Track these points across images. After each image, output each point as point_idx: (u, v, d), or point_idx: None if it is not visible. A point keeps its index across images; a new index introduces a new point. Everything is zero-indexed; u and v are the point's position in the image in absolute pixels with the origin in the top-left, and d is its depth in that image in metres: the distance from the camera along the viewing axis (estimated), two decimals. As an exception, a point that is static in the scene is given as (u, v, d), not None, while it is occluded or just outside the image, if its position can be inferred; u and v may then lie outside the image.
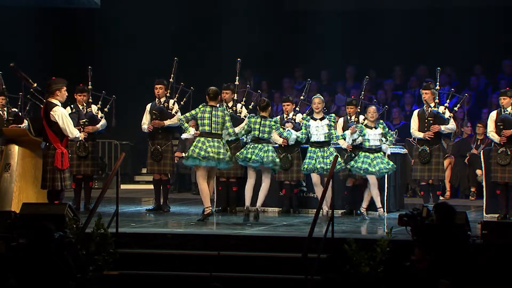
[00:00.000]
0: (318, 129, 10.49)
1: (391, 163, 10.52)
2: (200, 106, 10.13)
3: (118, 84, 13.64)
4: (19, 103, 10.96)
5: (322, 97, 10.75)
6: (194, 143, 10.03)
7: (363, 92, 11.27)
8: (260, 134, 10.18)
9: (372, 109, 10.54)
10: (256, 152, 10.08)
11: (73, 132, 9.52)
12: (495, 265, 7.74)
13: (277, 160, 10.24)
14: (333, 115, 10.76)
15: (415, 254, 7.12)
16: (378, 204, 10.45)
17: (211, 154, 9.85)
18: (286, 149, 10.93)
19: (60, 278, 6.88)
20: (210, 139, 9.93)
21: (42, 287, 6.82)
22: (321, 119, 10.53)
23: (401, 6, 15.43)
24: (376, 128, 10.49)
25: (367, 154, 10.43)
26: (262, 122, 10.21)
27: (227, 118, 10.07)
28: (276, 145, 10.98)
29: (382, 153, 10.49)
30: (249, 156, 10.08)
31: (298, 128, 11.02)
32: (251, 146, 10.17)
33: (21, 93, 10.85)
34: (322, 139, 10.46)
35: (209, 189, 10.10)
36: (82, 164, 10.97)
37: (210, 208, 10.09)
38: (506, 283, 7.63)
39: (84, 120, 10.94)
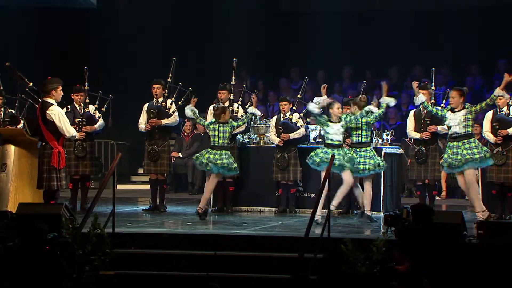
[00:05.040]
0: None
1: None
2: None
3: (115, 84, 13.64)
4: (16, 104, 10.96)
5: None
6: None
7: (361, 95, 11.29)
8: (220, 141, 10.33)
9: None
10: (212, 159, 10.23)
11: (70, 131, 9.52)
12: (491, 265, 7.75)
13: (233, 166, 10.28)
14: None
15: (393, 255, 7.14)
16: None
17: None
18: (283, 148, 10.94)
19: (52, 278, 6.88)
20: None
21: (33, 287, 6.82)
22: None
23: (397, 7, 15.46)
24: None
25: None
26: (220, 128, 10.29)
27: None
28: (274, 145, 11.01)
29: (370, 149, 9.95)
30: (204, 161, 10.23)
31: (294, 128, 11.04)
32: (208, 153, 10.30)
33: (18, 94, 10.85)
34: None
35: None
36: (80, 165, 10.96)
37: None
38: (502, 283, 7.64)
39: (80, 119, 10.93)
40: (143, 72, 13.74)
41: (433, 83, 11.02)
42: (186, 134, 14.27)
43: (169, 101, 11.08)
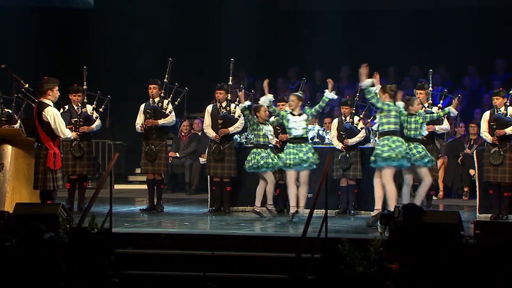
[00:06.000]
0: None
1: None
2: None
3: (114, 84, 13.63)
4: (13, 104, 10.94)
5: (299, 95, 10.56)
6: None
7: (358, 94, 11.31)
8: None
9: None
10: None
11: (64, 132, 9.51)
12: (489, 265, 7.76)
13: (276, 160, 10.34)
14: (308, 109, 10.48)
15: (383, 253, 7.17)
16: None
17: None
18: (281, 149, 10.93)
19: (50, 279, 6.87)
20: None
21: (32, 287, 6.82)
22: (299, 115, 10.38)
23: (395, 7, 15.47)
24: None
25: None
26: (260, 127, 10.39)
27: None
28: (271, 145, 11.02)
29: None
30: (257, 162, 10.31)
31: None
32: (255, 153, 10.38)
33: (15, 95, 10.84)
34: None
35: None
36: (78, 164, 10.96)
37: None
38: (499, 282, 7.65)
39: (76, 119, 10.92)
40: (142, 72, 13.73)
41: (430, 83, 11.03)
42: (183, 134, 14.27)
43: (165, 101, 11.08)
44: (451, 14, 14.90)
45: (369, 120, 11.41)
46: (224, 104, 11.10)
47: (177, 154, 14.12)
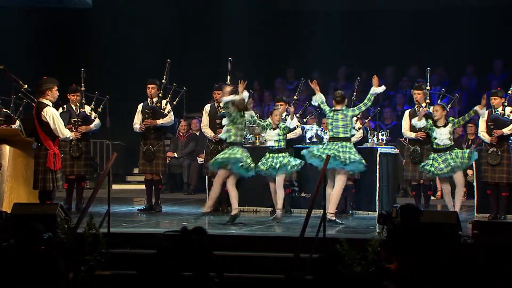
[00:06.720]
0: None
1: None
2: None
3: (113, 84, 13.64)
4: (11, 105, 10.95)
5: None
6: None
7: (355, 93, 11.31)
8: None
9: (438, 107, 10.18)
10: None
11: (63, 132, 9.52)
12: (487, 265, 7.75)
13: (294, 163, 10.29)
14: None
15: (381, 253, 7.18)
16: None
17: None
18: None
19: (49, 279, 6.88)
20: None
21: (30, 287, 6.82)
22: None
23: (395, 7, 15.48)
24: (444, 126, 10.09)
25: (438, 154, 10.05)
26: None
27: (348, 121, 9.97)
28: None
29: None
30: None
31: (290, 129, 11.06)
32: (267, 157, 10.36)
33: (13, 96, 10.85)
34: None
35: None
36: (76, 165, 10.96)
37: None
38: (498, 283, 7.64)
39: (76, 119, 10.93)
40: (142, 72, 13.73)
41: (428, 83, 11.03)
42: (181, 134, 14.27)
43: (163, 101, 11.08)
44: (451, 14, 14.90)
45: (366, 120, 11.43)
46: (222, 104, 11.09)
47: (175, 154, 14.12)
